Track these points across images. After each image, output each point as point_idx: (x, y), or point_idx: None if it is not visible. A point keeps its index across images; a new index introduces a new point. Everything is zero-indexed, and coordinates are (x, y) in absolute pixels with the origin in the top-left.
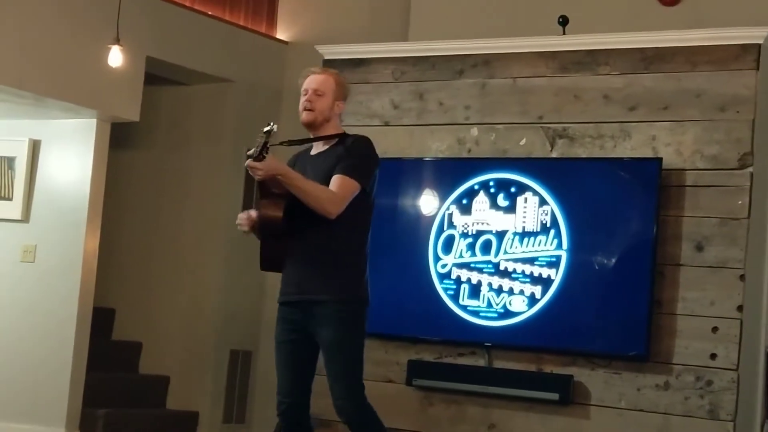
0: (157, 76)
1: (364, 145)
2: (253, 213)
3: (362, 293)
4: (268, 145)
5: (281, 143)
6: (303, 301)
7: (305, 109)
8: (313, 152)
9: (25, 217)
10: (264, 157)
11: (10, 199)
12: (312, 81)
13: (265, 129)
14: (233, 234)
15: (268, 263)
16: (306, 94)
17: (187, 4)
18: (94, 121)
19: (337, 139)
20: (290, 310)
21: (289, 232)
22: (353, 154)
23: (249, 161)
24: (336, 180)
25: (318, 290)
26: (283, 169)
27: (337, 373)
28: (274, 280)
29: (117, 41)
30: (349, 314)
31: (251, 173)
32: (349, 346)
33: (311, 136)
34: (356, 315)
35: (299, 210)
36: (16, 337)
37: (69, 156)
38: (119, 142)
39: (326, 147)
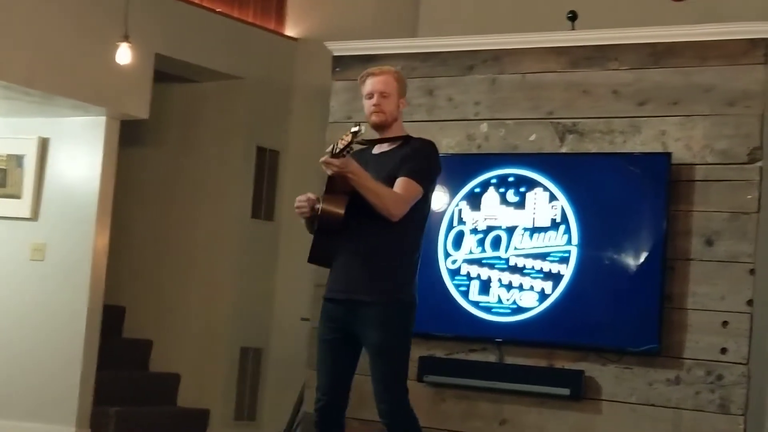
0: (166, 74)
1: (430, 149)
2: (312, 195)
3: (410, 297)
4: (351, 146)
5: (358, 139)
6: (349, 301)
7: (375, 113)
8: (376, 151)
9: (35, 216)
10: (344, 156)
11: (19, 197)
12: (376, 83)
13: (353, 129)
14: (244, 231)
15: (316, 257)
16: (371, 98)
17: (196, 0)
18: (104, 118)
19: (401, 140)
20: (335, 307)
21: (345, 229)
22: (419, 157)
23: (327, 157)
24: (401, 182)
25: (366, 291)
26: (357, 168)
27: (380, 376)
28: (284, 276)
29: (125, 39)
30: (395, 317)
31: (325, 168)
32: (393, 349)
33: (378, 136)
34: (403, 318)
35: (359, 209)
36: (26, 336)
37: (78, 154)
38: (129, 140)
39: (391, 147)
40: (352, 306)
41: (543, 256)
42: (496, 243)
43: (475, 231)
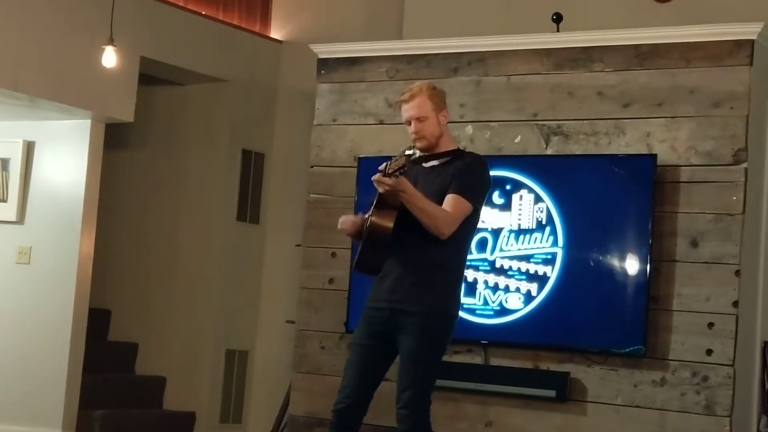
0: (151, 77)
1: (480, 166)
2: (355, 218)
3: (453, 309)
4: (405, 168)
5: (411, 160)
6: (393, 310)
7: (416, 140)
8: (426, 164)
9: (20, 219)
10: (397, 177)
11: (4, 200)
12: (409, 110)
13: (407, 152)
14: (229, 234)
15: (364, 267)
16: (410, 125)
17: (181, 3)
18: (89, 122)
19: (452, 155)
20: (377, 315)
21: (394, 241)
22: (469, 174)
23: (379, 176)
24: (451, 200)
25: (410, 301)
26: (409, 187)
27: (407, 383)
28: (270, 279)
29: (111, 42)
30: (435, 329)
31: (377, 186)
32: (427, 359)
33: (427, 154)
34: (442, 330)
35: (408, 222)
36: (11, 339)
37: (64, 157)
38: (114, 143)
39: (441, 161)
40: (395, 315)
41: (528, 258)
42: (481, 245)
43: None
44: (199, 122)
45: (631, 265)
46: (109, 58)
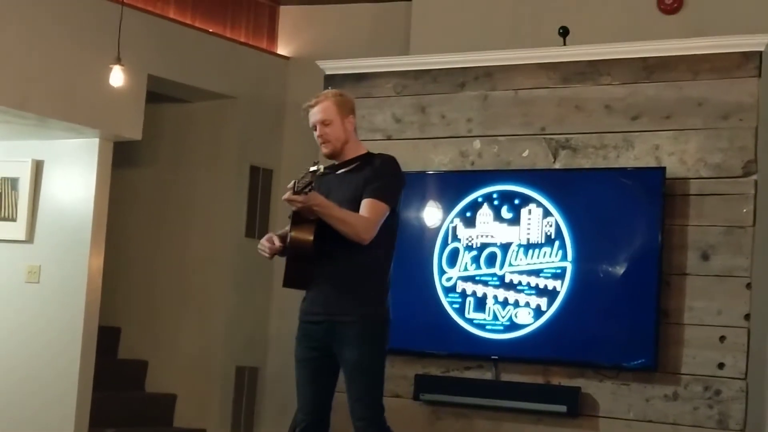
0: (158, 94)
1: (391, 165)
2: (276, 239)
3: (385, 314)
4: (312, 185)
5: (317, 175)
6: (327, 321)
7: (322, 144)
8: (337, 172)
9: (30, 238)
10: (306, 193)
11: (14, 219)
12: (314, 114)
13: (312, 169)
14: (238, 250)
15: (292, 281)
16: (316, 129)
17: (188, 21)
18: (97, 140)
19: (362, 159)
20: (313, 328)
21: (317, 254)
22: (382, 175)
23: (290, 194)
24: (367, 204)
25: (343, 311)
26: (322, 200)
27: (358, 394)
28: (279, 295)
29: (118, 60)
30: (372, 335)
31: (289, 204)
32: (371, 367)
33: (336, 163)
34: (379, 336)
35: (328, 232)
36: (22, 358)
37: (72, 176)
38: (122, 161)
39: (351, 167)
40: (330, 326)
41: (538, 273)
42: (491, 260)
43: (469, 248)
44: (206, 139)
45: (642, 279)
46: (117, 77)
